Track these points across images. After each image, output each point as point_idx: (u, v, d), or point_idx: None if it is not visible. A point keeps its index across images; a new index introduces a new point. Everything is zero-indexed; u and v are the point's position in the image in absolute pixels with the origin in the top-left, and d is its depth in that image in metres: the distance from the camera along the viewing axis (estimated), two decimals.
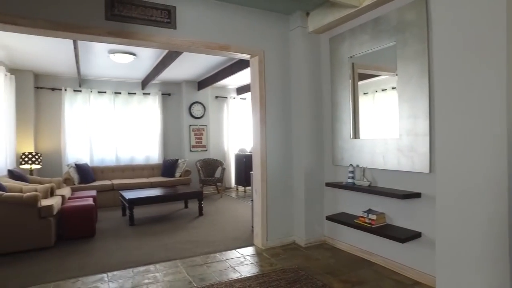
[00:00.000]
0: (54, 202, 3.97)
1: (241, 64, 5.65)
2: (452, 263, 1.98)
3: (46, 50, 5.17)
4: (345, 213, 3.61)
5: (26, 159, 5.84)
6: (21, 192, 4.27)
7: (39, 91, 6.63)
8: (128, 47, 5.06)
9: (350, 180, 3.40)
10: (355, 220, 3.26)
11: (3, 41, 4.68)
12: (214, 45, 3.49)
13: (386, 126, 3.19)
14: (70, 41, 4.59)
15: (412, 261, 2.92)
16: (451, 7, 1.96)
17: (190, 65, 6.32)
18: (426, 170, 2.74)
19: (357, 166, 3.41)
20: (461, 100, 1.91)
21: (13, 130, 5.79)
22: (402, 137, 2.93)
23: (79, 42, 4.64)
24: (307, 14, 3.79)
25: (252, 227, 4.31)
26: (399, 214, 3.04)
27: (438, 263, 2.06)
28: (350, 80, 3.51)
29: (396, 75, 2.98)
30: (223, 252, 3.66)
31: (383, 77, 3.37)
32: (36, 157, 5.95)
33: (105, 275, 3.09)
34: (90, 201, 4.50)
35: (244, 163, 7.74)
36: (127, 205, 4.88)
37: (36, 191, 4.26)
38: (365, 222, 3.12)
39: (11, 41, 4.67)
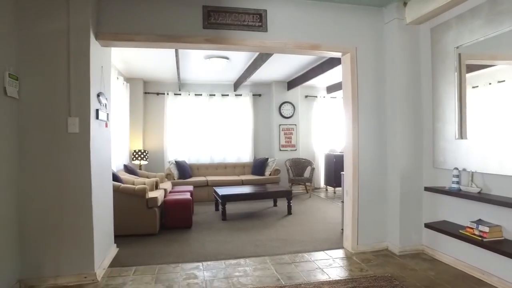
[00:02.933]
0: (158, 194, 4.46)
1: (332, 62, 5.52)
2: None
3: (154, 61, 5.84)
4: (448, 222, 3.23)
5: (137, 155, 6.68)
6: (133, 184, 4.89)
7: (147, 96, 7.52)
8: (222, 52, 5.39)
9: (454, 185, 3.03)
10: (460, 231, 2.89)
11: (123, 56, 5.47)
12: (305, 45, 3.48)
13: (503, 124, 2.75)
14: (173, 52, 5.11)
15: None
16: None
17: (280, 66, 6.42)
18: None
19: (464, 170, 3.02)
20: None
21: (128, 130, 6.69)
22: None
23: (180, 51, 5.11)
24: (405, 4, 3.50)
25: (342, 229, 4.19)
26: None
27: None
28: (455, 73, 3.12)
29: None
30: (312, 253, 3.63)
31: (500, 66, 2.91)
32: (144, 153, 6.76)
33: (200, 264, 3.34)
34: (188, 196, 4.93)
35: (334, 163, 7.57)
36: (220, 200, 5.20)
37: (144, 184, 4.84)
38: (474, 234, 2.75)
39: (128, 56, 5.45)
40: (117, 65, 5.99)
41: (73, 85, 2.83)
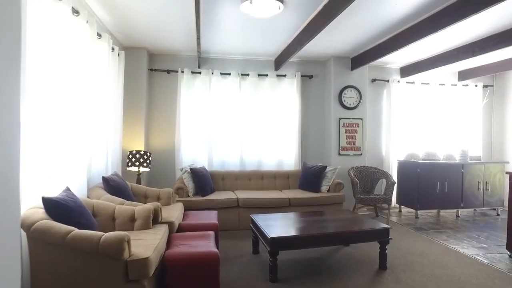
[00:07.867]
0: (153, 248, 2.18)
1: (449, 14, 3.16)
2: None
3: (162, 12, 3.61)
4: None
5: (134, 159, 4.48)
6: (113, 215, 2.68)
7: (153, 74, 5.32)
8: None
9: None
10: None
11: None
12: None
13: None
14: None
15: None
16: None
17: (349, 30, 4.09)
18: None
19: None
20: None
21: (120, 122, 4.46)
22: None
23: None
24: None
25: None
26: None
27: None
28: None
29: None
30: None
31: None
32: (145, 157, 4.55)
33: None
34: (210, 242, 2.64)
35: (418, 175, 5.26)
36: (268, 248, 2.89)
37: (134, 216, 2.62)
38: None
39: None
40: (98, 13, 3.77)
41: None
